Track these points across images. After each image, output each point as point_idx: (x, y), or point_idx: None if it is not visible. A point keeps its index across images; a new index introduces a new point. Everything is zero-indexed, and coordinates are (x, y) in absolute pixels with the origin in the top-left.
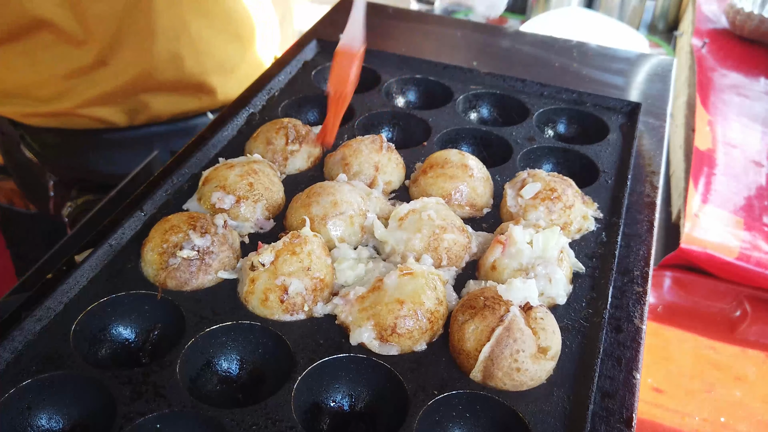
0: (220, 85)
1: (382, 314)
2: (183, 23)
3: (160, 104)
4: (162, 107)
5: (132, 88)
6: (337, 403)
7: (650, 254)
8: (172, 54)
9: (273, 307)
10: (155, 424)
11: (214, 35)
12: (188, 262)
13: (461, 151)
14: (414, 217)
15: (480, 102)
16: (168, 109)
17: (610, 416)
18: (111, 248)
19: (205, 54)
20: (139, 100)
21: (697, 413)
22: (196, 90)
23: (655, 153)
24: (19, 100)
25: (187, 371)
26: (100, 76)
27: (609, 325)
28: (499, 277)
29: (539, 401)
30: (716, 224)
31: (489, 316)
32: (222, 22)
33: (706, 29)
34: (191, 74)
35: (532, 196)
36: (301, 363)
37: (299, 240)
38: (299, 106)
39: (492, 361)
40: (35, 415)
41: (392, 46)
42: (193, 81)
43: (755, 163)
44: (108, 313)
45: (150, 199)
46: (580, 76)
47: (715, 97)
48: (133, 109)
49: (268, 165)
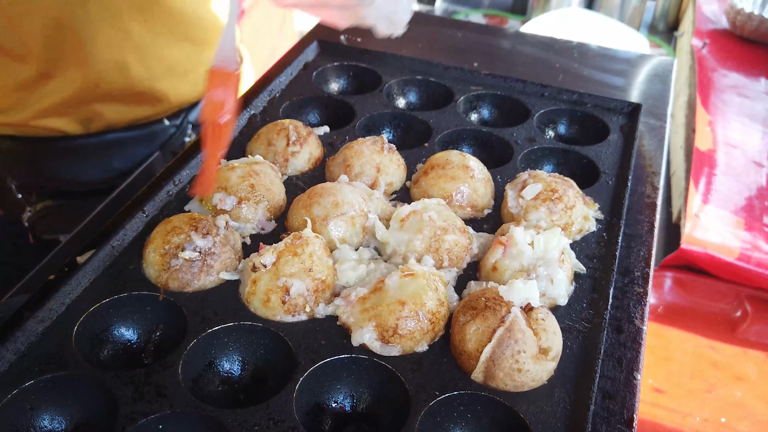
0: (171, 89)
1: (384, 315)
2: (125, 31)
3: (112, 113)
4: (115, 115)
5: (81, 99)
6: (339, 404)
7: (651, 255)
8: (116, 62)
9: (275, 308)
10: (157, 424)
11: (159, 40)
12: (190, 263)
13: (462, 152)
14: (415, 218)
15: (481, 103)
16: (122, 117)
17: (611, 417)
18: (113, 249)
19: (151, 59)
20: (92, 110)
21: (697, 413)
22: (147, 96)
23: (655, 153)
24: None
25: (189, 372)
26: (47, 88)
27: (610, 326)
28: (500, 278)
29: (540, 402)
30: (717, 225)
31: (490, 317)
32: (167, 25)
33: (706, 30)
34: (139, 80)
35: (533, 197)
36: (303, 364)
37: (301, 241)
38: (300, 107)
39: (493, 362)
40: (38, 415)
41: (393, 47)
42: (142, 87)
43: (756, 163)
44: (110, 314)
45: (152, 201)
46: (581, 76)
47: (716, 98)
48: (86, 118)
49: (270, 166)
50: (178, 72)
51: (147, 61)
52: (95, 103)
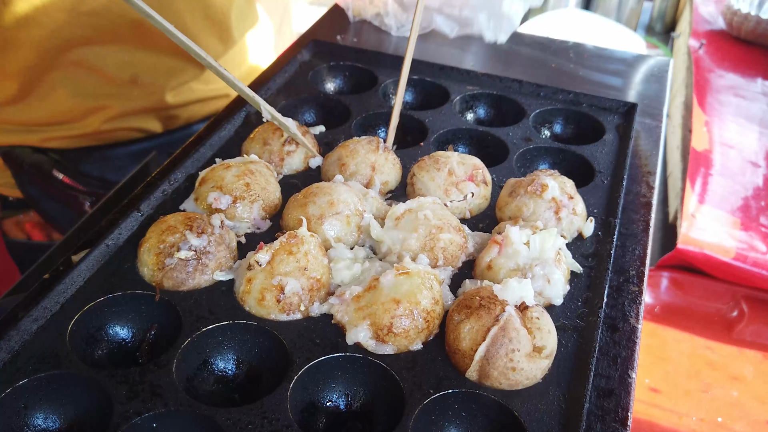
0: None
1: (378, 313)
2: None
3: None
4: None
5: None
6: (333, 402)
7: (646, 254)
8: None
9: (269, 306)
10: (152, 423)
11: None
12: (185, 262)
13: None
14: (410, 217)
15: (477, 102)
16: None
17: (606, 415)
18: (108, 248)
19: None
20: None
21: (694, 413)
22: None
23: (651, 153)
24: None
25: (184, 371)
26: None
27: (605, 325)
28: (495, 276)
29: (535, 400)
30: (713, 225)
31: (485, 316)
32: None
33: (703, 30)
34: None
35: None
36: (298, 362)
37: (296, 240)
38: (296, 106)
39: (487, 361)
40: (32, 414)
41: (389, 47)
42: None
43: (752, 163)
44: (105, 313)
45: (147, 200)
46: (577, 76)
47: (712, 98)
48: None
49: (265, 165)
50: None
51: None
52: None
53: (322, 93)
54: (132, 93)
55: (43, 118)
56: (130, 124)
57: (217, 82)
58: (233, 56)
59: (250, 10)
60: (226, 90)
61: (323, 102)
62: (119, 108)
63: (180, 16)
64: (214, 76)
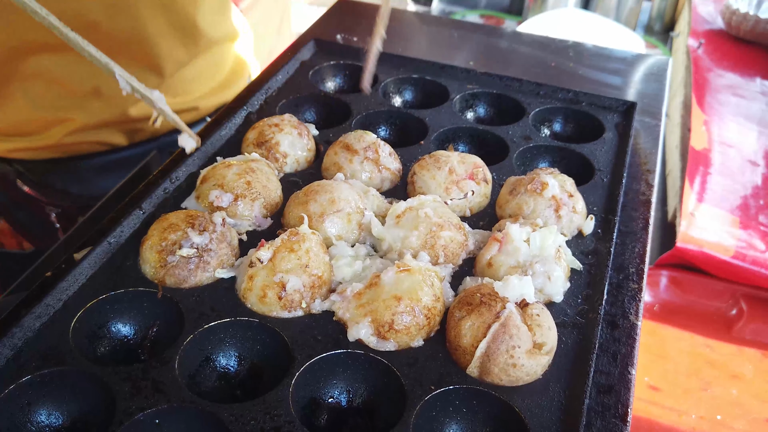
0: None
1: (380, 310)
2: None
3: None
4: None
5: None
6: (335, 399)
7: (645, 251)
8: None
9: (271, 303)
10: (154, 419)
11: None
12: (187, 259)
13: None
14: (411, 215)
15: (476, 101)
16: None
17: (606, 411)
18: (110, 246)
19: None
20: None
21: (693, 411)
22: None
23: (650, 151)
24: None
25: (186, 367)
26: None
27: (604, 321)
28: (495, 274)
29: (535, 396)
30: (712, 223)
31: (485, 313)
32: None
33: (702, 30)
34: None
35: (539, 194)
36: (299, 359)
37: (297, 237)
38: (297, 105)
39: (488, 357)
40: (35, 411)
41: (389, 46)
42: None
43: (751, 162)
44: (107, 310)
45: (149, 198)
46: (576, 75)
47: (711, 98)
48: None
49: (266, 164)
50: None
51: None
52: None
53: (323, 92)
54: (94, 105)
55: (2, 129)
56: (93, 138)
57: (184, 95)
58: (205, 64)
59: (223, 19)
60: (195, 102)
61: (324, 101)
62: (81, 120)
63: (141, 21)
64: (180, 88)
